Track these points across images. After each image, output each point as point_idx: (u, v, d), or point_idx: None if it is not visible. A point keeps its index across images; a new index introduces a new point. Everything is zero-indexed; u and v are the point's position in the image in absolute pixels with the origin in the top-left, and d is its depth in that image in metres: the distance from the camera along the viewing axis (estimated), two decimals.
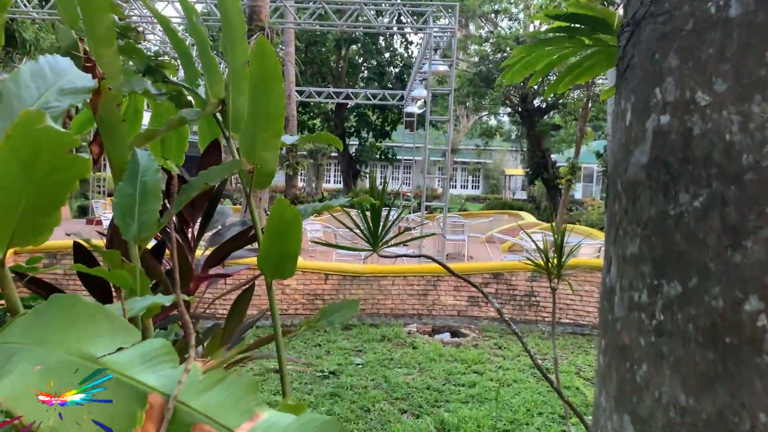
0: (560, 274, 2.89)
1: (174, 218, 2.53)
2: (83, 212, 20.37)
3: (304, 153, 28.57)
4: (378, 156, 29.00)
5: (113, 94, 1.83)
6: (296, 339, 7.51)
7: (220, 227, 2.72)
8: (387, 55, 26.58)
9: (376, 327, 8.13)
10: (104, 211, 15.74)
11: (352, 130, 28.30)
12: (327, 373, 6.35)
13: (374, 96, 20.79)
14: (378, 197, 3.29)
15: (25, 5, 12.14)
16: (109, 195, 19.46)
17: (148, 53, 2.76)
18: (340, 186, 30.56)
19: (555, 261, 2.93)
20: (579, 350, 7.55)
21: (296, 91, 20.76)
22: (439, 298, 8.79)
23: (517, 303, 8.82)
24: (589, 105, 15.27)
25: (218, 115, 2.43)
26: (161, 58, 2.68)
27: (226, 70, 2.34)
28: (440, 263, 2.95)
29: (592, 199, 31.31)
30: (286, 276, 2.10)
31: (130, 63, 2.79)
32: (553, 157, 27.35)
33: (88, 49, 2.03)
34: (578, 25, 3.70)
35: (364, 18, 11.86)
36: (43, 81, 1.38)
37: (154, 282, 2.27)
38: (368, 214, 3.02)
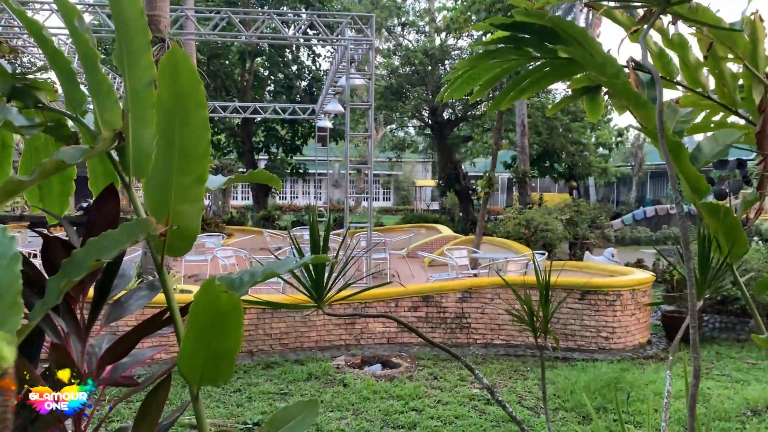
0: (547, 328, 2.45)
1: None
2: None
3: (211, 169, 27.27)
4: (289, 171, 28.15)
5: None
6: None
7: (120, 296, 2.06)
8: (294, 68, 25.87)
9: (301, 364, 7.48)
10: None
11: (261, 145, 27.34)
12: (251, 425, 5.65)
13: (284, 110, 20.07)
14: (318, 238, 2.74)
15: None
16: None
17: (22, 69, 2.08)
18: (250, 202, 29.44)
19: (541, 314, 2.49)
20: (516, 374, 7.24)
21: None
22: (367, 326, 8.27)
23: (447, 326, 8.44)
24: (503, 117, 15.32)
25: (114, 153, 1.80)
26: (36, 75, 2.01)
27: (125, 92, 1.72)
28: (405, 324, 2.42)
29: (503, 209, 31.90)
30: (218, 381, 1.51)
31: None
32: (464, 167, 27.63)
33: None
34: (525, 36, 3.24)
35: (272, 28, 11.22)
36: None
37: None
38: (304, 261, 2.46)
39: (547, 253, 11.91)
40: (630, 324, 8.26)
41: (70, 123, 1.92)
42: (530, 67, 3.57)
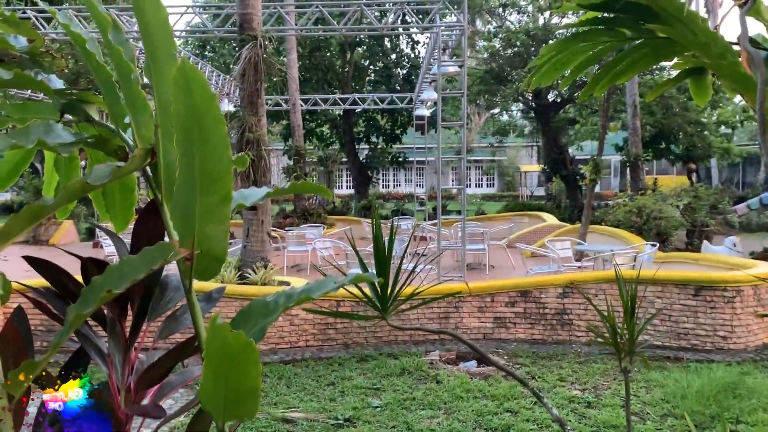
0: (633, 350, 2.16)
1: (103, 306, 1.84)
2: (91, 235, 19.87)
3: (314, 160, 27.95)
4: (389, 160, 28.24)
5: None
6: (307, 377, 6.82)
7: (175, 309, 2.01)
8: (393, 56, 25.82)
9: (395, 358, 7.41)
10: (105, 236, 15.15)
11: (362, 135, 27.58)
12: (341, 421, 5.64)
13: (382, 100, 20.06)
14: (384, 248, 2.58)
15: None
16: None
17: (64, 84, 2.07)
18: (352, 192, 29.88)
19: (625, 332, 2.19)
20: (622, 375, 6.76)
21: (301, 99, 20.12)
22: (462, 320, 8.06)
23: (548, 322, 8.05)
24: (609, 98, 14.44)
25: (149, 169, 1.74)
26: (78, 87, 1.99)
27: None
28: (467, 342, 2.22)
29: (614, 193, 30.35)
30: (243, 417, 1.40)
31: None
32: (571, 151, 26.49)
33: None
34: (619, 15, 2.87)
35: (367, 20, 11.16)
36: None
37: None
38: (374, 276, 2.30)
39: (659, 244, 11.09)
40: (752, 323, 7.50)
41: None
42: (625, 49, 3.21)
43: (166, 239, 1.74)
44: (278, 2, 11.92)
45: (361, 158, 27.62)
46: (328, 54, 25.58)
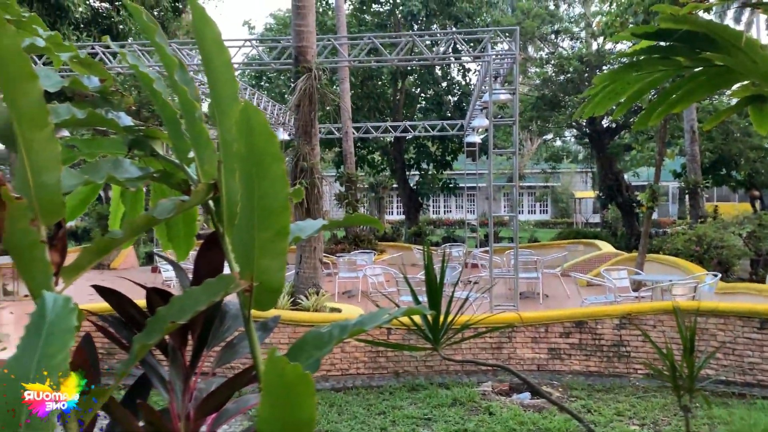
0: (693, 387, 2.09)
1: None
2: (150, 260, 20.50)
3: (366, 186, 28.19)
4: (439, 186, 28.23)
5: (22, 205, 1.22)
6: (358, 405, 6.81)
7: (232, 337, 2.06)
8: (444, 84, 25.97)
9: (446, 388, 7.33)
10: (163, 261, 15.59)
11: (412, 162, 27.71)
12: None
13: (433, 127, 20.15)
14: (435, 278, 2.59)
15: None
16: None
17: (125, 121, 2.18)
18: (403, 218, 29.95)
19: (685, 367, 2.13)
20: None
21: (353, 127, 20.43)
22: (515, 351, 7.92)
23: (604, 354, 7.83)
24: (666, 124, 14.11)
25: (211, 203, 1.81)
26: (145, 124, 2.10)
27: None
28: (519, 376, 2.20)
29: (672, 221, 29.46)
30: None
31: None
32: (627, 177, 25.90)
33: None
34: (675, 44, 2.83)
35: (418, 49, 11.30)
36: None
37: None
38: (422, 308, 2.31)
39: (720, 274, 10.68)
40: None
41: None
42: (681, 78, 3.15)
43: (226, 270, 1.80)
44: (332, 35, 12.19)
45: (411, 184, 27.71)
46: (380, 83, 25.93)
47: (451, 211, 44.73)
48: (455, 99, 26.14)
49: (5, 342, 9.26)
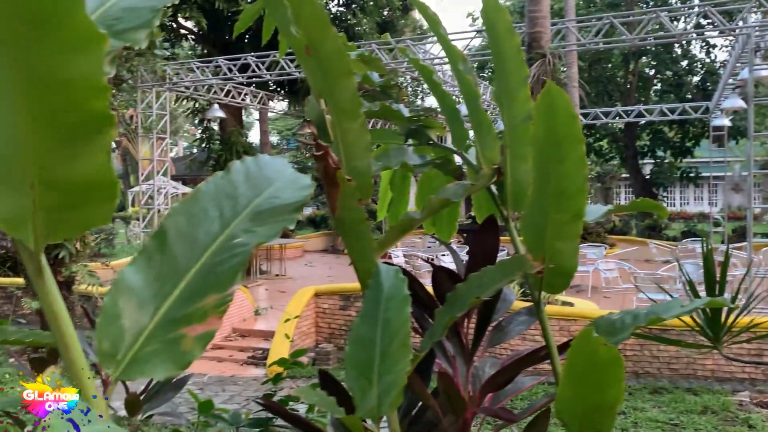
0: None
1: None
2: None
3: (592, 176, 26.87)
4: (677, 176, 25.81)
5: (352, 187, 1.37)
6: None
7: (501, 319, 2.11)
8: (684, 63, 23.64)
9: (694, 393, 6.72)
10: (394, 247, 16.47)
11: (646, 149, 25.70)
12: None
13: (672, 111, 18.48)
14: (713, 272, 2.39)
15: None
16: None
17: (414, 108, 2.34)
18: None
19: None
20: None
21: (581, 113, 19.58)
22: None
23: None
24: None
25: (493, 187, 1.86)
26: (422, 114, 2.23)
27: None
28: None
29: None
30: None
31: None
32: None
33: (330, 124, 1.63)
34: None
35: (656, 27, 10.38)
36: (231, 201, 0.94)
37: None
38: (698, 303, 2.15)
39: None
40: None
41: (457, 158, 2.07)
42: None
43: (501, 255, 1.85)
44: (562, 19, 11.78)
45: (644, 174, 25.74)
46: (609, 65, 24.47)
47: (688, 203, 40.69)
48: (697, 79, 23.68)
49: (264, 314, 10.58)
